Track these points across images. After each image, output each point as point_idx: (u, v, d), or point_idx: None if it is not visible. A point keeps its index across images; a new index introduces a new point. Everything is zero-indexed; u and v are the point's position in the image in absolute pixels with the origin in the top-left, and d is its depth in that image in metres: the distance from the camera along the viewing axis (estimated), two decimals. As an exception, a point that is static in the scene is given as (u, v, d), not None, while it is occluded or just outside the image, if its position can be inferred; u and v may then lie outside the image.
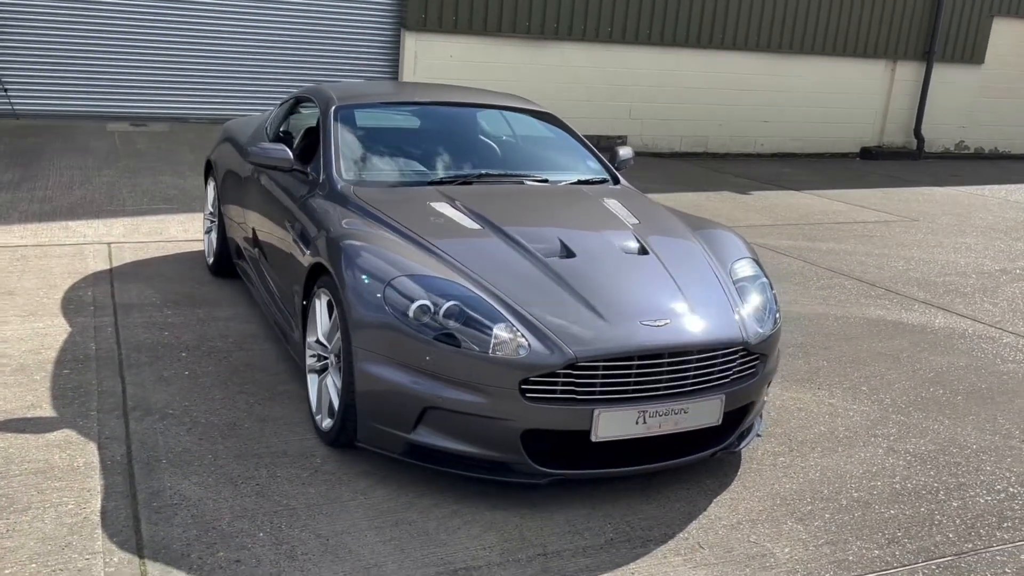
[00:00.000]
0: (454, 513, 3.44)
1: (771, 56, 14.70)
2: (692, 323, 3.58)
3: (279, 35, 12.28)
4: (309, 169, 4.69)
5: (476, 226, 4.06)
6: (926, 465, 4.07)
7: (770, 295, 4.03)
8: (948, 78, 16.36)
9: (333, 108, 4.90)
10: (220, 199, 6.11)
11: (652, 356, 3.41)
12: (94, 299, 5.71)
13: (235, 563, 3.06)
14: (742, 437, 3.85)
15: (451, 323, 3.41)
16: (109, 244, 7.05)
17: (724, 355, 3.58)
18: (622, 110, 13.84)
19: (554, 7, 12.99)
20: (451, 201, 4.31)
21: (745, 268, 4.13)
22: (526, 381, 3.32)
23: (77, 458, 3.71)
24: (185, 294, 5.91)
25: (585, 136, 13.47)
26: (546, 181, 4.87)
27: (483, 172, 4.80)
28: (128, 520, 3.28)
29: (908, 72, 16.00)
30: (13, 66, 11.38)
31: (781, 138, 15.21)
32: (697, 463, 3.83)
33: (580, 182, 4.98)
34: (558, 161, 5.20)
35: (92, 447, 3.80)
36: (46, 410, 4.13)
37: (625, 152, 5.47)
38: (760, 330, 3.76)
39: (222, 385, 4.50)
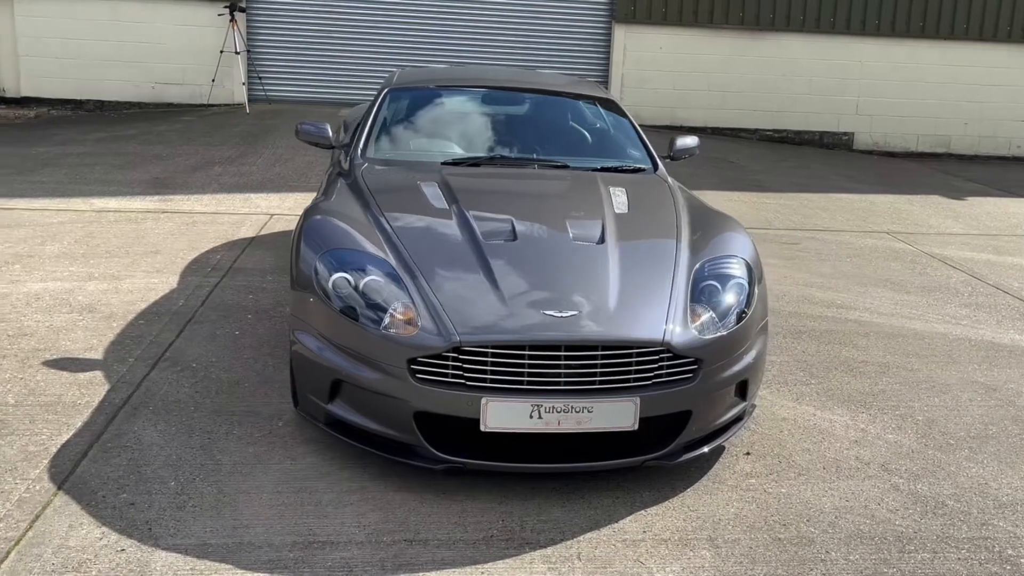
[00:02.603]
0: (361, 489, 3.46)
1: (1028, 47, 13.02)
2: (602, 318, 3.35)
3: (497, 28, 12.62)
4: (348, 148, 4.88)
5: (443, 206, 4.05)
6: (923, 510, 3.51)
7: (742, 300, 3.65)
8: None
9: (386, 91, 5.05)
10: None
11: (546, 348, 3.23)
12: (218, 262, 6.26)
13: (128, 505, 3.28)
14: (690, 448, 3.53)
15: (358, 298, 3.44)
16: (271, 215, 7.68)
17: (639, 356, 3.31)
18: (847, 105, 12.87)
19: (772, -5, 12.35)
20: (441, 182, 4.31)
21: (728, 268, 3.77)
22: (415, 361, 3.28)
23: (84, 397, 4.12)
24: (295, 264, 6.32)
25: (805, 132, 12.71)
26: (565, 167, 4.72)
27: (498, 155, 4.77)
28: (77, 456, 3.61)
29: None
30: (268, 58, 12.61)
31: (1045, 140, 13.44)
32: (638, 471, 3.58)
33: (607, 168, 4.78)
34: (594, 147, 5.04)
35: (104, 389, 4.20)
36: (96, 353, 4.62)
37: (684, 141, 5.16)
38: (698, 334, 3.43)
39: (257, 347, 4.79)
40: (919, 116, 13.05)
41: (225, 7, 11.75)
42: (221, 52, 11.90)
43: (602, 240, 3.82)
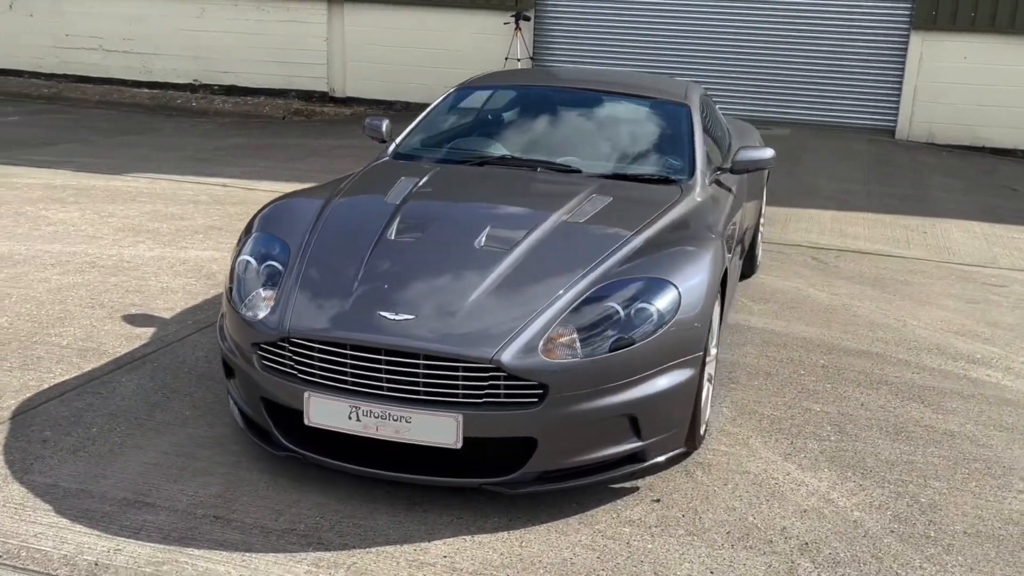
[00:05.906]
0: (233, 464, 3.56)
1: None
2: (437, 328, 3.15)
3: (785, 36, 11.87)
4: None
5: (393, 202, 3.99)
6: (795, 602, 2.85)
7: (639, 328, 3.21)
8: None
9: (454, 87, 5.07)
10: None
11: (367, 350, 3.11)
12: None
13: (41, 442, 3.68)
14: (546, 480, 3.19)
15: (247, 280, 3.54)
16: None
17: (466, 371, 3.06)
18: None
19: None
20: (419, 178, 4.24)
21: (648, 293, 3.32)
22: (259, 347, 3.31)
23: (118, 349, 4.64)
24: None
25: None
26: (577, 171, 4.40)
27: (508, 156, 4.57)
28: (53, 395, 4.09)
29: None
30: (551, 64, 13.02)
31: None
32: (501, 496, 3.30)
33: (623, 176, 4.39)
34: (629, 153, 4.64)
35: (139, 344, 4.70)
36: (168, 313, 5.15)
37: (750, 154, 4.53)
38: (544, 357, 3.07)
39: (304, 327, 5.05)
40: None
41: (511, 16, 12.32)
42: (506, 59, 12.46)
43: (512, 248, 3.55)
